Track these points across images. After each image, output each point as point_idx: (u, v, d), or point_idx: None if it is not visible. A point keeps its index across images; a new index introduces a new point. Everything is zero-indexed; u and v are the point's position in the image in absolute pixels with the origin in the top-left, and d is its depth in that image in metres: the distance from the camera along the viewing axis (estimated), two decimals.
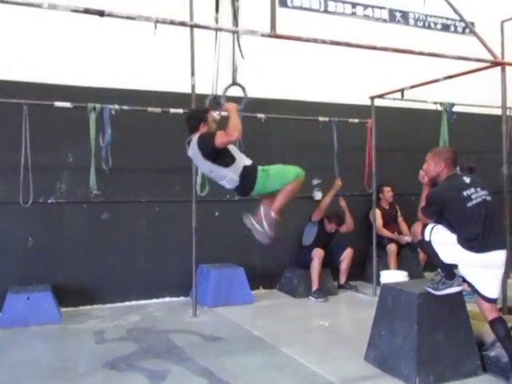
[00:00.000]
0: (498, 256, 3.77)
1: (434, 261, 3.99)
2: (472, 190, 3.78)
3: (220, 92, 5.31)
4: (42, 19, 5.57)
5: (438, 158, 3.98)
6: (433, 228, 3.84)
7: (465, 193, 3.75)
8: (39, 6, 3.38)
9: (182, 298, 6.63)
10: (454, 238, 3.77)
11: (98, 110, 5.54)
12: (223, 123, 4.37)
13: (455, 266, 3.87)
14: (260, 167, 4.37)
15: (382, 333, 4.22)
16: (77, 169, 6.10)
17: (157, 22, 3.64)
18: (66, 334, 5.36)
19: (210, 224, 6.80)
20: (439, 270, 3.94)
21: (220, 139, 4.21)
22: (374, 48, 4.55)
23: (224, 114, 4.72)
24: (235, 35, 4.79)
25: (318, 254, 6.78)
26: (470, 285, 3.87)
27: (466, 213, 3.73)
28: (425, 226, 3.91)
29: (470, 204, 3.72)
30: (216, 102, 5.04)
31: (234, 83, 4.89)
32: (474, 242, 3.72)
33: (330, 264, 7.13)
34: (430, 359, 3.88)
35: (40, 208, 6.07)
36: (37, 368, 4.35)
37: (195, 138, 4.37)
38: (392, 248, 7.27)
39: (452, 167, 3.98)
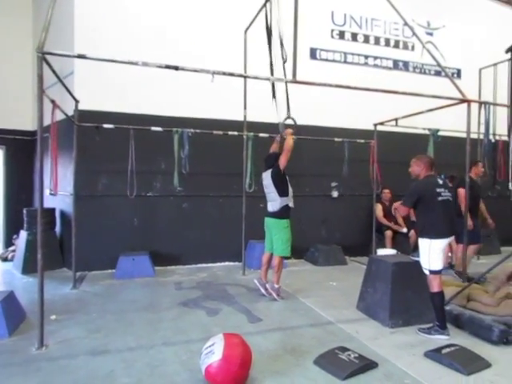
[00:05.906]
0: (449, 240, 3.77)
1: (436, 314, 3.72)
2: (442, 189, 3.78)
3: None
4: (144, 77, 5.88)
5: (419, 162, 3.94)
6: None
7: (437, 189, 3.75)
8: (136, 63, 3.71)
9: (236, 263, 6.84)
10: (427, 241, 3.71)
11: (179, 132, 5.77)
12: None
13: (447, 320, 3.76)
14: (287, 220, 4.83)
15: (368, 290, 4.35)
16: (166, 173, 6.32)
17: (213, 73, 3.86)
18: (157, 283, 5.73)
19: (255, 212, 6.98)
20: (436, 320, 3.73)
21: (281, 162, 4.66)
22: (367, 89, 4.60)
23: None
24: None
25: None
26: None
27: (434, 205, 3.71)
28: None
29: (439, 199, 3.73)
30: (282, 125, 5.01)
31: (289, 117, 4.92)
32: (438, 228, 3.68)
33: None
34: (400, 309, 3.98)
35: (142, 199, 6.46)
36: (136, 304, 4.76)
37: (270, 170, 4.81)
38: (388, 233, 7.25)
39: (430, 169, 3.89)
